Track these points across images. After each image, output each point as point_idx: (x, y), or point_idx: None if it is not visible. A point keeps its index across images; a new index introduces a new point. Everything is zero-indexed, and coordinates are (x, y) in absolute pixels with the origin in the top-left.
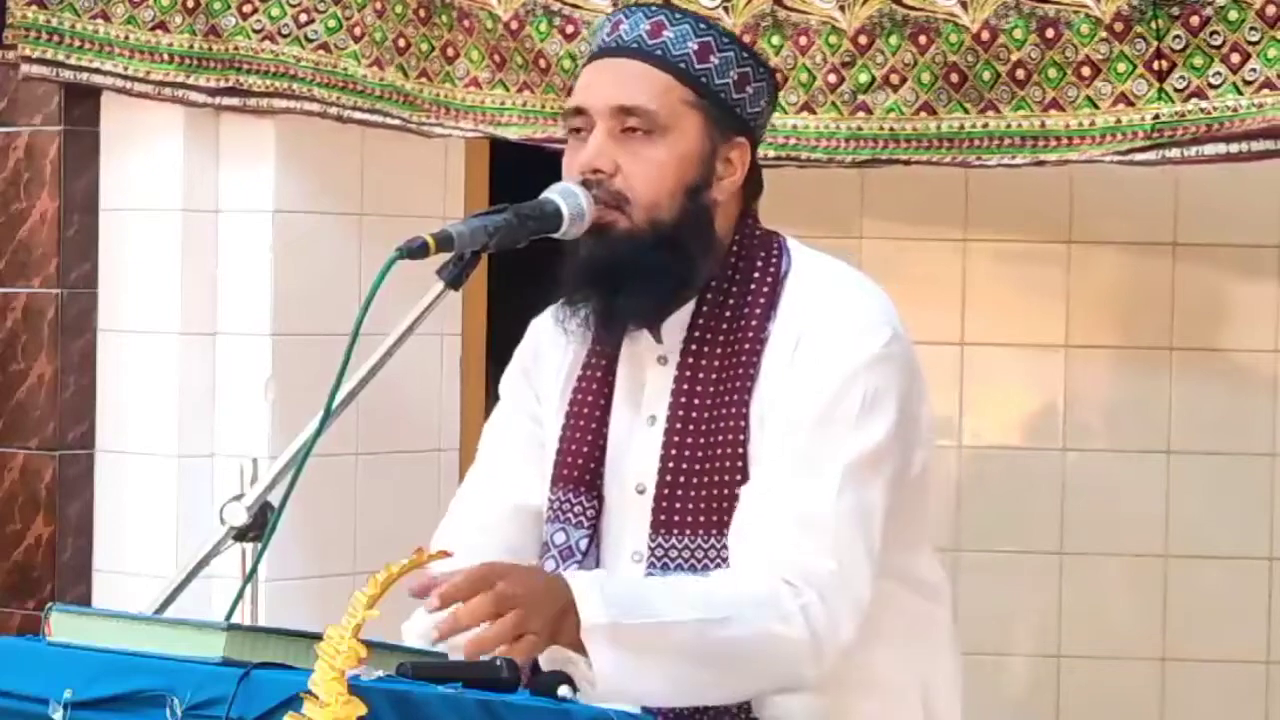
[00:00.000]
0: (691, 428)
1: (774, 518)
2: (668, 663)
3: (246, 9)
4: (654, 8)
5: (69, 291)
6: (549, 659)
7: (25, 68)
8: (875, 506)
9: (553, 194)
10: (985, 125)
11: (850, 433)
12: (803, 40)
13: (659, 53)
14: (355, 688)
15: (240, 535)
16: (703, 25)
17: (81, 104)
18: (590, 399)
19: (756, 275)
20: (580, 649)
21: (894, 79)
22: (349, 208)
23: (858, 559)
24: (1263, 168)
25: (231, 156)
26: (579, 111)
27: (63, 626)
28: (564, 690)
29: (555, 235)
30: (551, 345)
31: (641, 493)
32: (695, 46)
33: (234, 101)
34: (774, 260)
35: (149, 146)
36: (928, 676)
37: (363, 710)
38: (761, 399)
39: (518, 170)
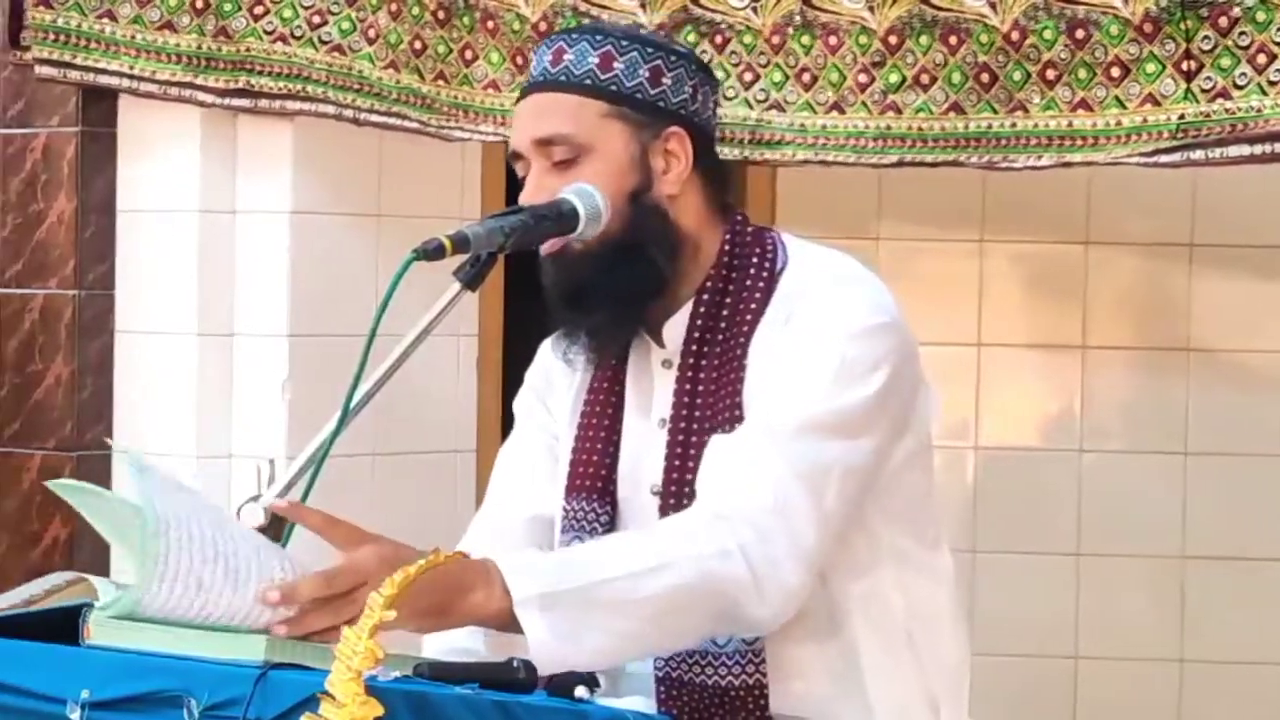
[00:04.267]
0: (695, 426)
1: (722, 460)
2: (605, 621)
3: (258, 10)
4: (554, 38)
5: (86, 293)
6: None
7: (38, 69)
8: (831, 463)
9: (568, 194)
10: (1013, 125)
11: (819, 390)
12: (832, 40)
13: (563, 78)
14: (372, 688)
15: None
16: (599, 36)
17: (99, 105)
18: (599, 409)
19: (752, 272)
20: (506, 626)
21: (924, 79)
22: (366, 209)
23: (799, 502)
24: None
25: (249, 158)
26: (517, 156)
27: (103, 631)
28: (581, 691)
29: (572, 235)
30: (562, 365)
31: (656, 494)
32: (596, 60)
33: (244, 103)
34: (769, 256)
35: (166, 148)
36: (930, 661)
37: (380, 711)
38: (750, 380)
39: None
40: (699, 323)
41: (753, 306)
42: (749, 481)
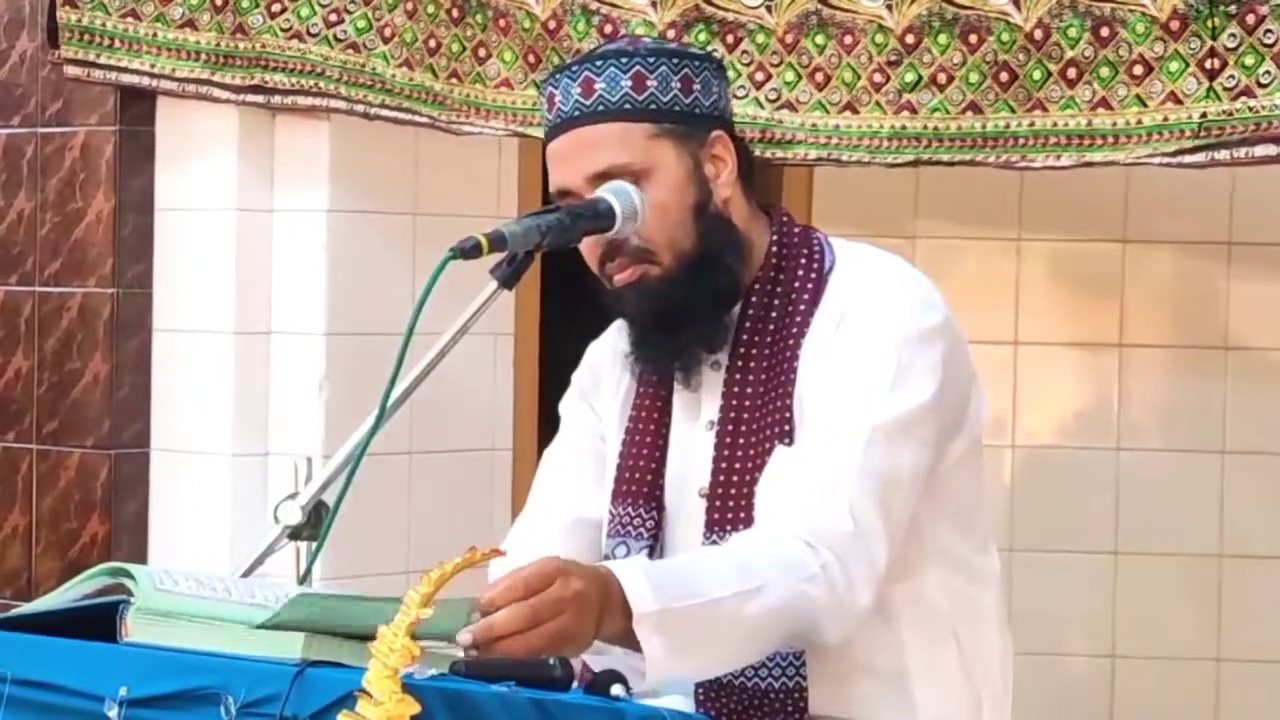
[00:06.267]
0: (744, 429)
1: (795, 478)
2: (712, 640)
3: (275, 8)
4: (574, 69)
5: (124, 291)
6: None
7: (67, 68)
8: (901, 472)
9: (604, 193)
10: (1031, 124)
11: (882, 397)
12: (848, 40)
13: (601, 107)
14: (409, 686)
15: (294, 534)
16: (624, 58)
17: (137, 104)
18: (647, 412)
19: (800, 273)
20: (621, 640)
21: (940, 78)
22: (403, 208)
23: (875, 524)
24: None
25: (286, 157)
26: (565, 194)
27: (140, 628)
28: (617, 689)
29: (609, 234)
30: (609, 369)
31: (704, 497)
32: (629, 82)
33: (258, 99)
34: (817, 256)
35: (204, 147)
36: (974, 661)
37: (416, 708)
38: (803, 383)
39: None
40: (748, 324)
41: (801, 308)
42: (827, 503)
